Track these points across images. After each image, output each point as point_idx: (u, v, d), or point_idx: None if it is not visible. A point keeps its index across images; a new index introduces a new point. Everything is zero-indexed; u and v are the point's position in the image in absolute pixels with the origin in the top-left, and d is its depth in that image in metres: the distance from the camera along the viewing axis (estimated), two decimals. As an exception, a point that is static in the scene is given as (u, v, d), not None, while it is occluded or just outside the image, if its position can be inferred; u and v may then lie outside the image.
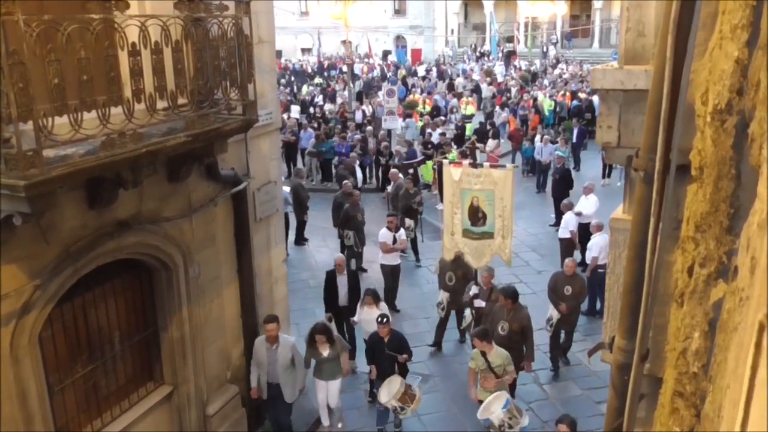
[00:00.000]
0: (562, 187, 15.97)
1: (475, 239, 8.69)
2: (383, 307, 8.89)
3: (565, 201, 13.47)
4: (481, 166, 8.55)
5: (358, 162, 18.33)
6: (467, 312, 9.43)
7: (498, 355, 7.63)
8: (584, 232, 12.73)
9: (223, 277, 7.32)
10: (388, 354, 7.99)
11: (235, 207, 7.38)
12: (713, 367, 1.60)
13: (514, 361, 8.00)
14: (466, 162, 8.73)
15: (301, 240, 15.28)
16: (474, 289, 9.17)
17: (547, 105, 25.36)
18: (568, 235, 12.88)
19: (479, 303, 9.08)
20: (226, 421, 7.47)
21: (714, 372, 1.57)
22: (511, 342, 8.26)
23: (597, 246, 10.96)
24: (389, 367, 8.02)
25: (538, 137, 19.83)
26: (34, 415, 5.16)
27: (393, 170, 15.76)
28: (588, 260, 11.57)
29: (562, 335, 9.94)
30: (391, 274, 11.68)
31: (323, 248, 14.92)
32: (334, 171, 19.46)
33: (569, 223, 12.83)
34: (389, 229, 11.56)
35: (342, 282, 9.87)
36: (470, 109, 24.68)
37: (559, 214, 15.49)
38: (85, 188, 5.18)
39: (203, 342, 7.04)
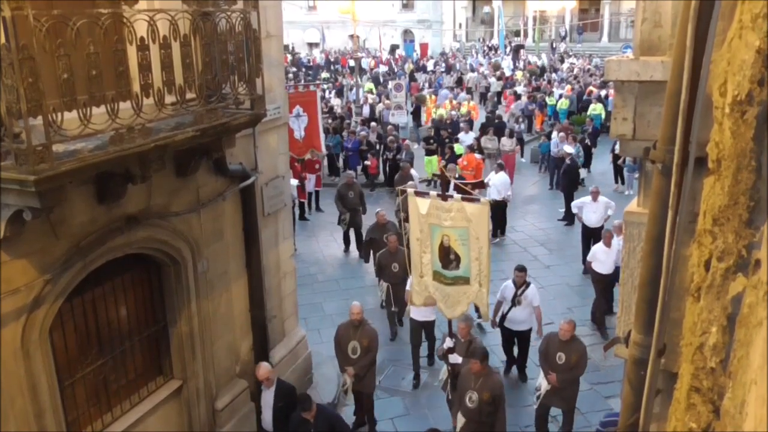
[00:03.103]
0: (567, 182, 15.98)
1: (447, 284, 7.24)
2: None
3: (606, 230, 11.21)
4: (451, 197, 6.93)
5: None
6: (443, 369, 8.01)
7: None
8: (593, 236, 12.53)
9: (231, 271, 7.33)
10: None
11: (244, 202, 7.38)
12: (733, 363, 1.57)
13: None
14: (433, 192, 7.13)
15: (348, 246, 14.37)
16: (448, 342, 7.68)
17: (596, 110, 22.95)
18: (609, 271, 10.58)
19: (455, 359, 7.66)
20: (235, 415, 7.49)
21: (734, 368, 1.54)
22: (483, 415, 6.99)
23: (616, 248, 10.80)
24: None
25: (554, 133, 19.61)
26: (45, 409, 5.18)
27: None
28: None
29: (556, 416, 8.15)
30: (421, 332, 9.48)
31: (331, 242, 14.96)
32: (341, 165, 19.56)
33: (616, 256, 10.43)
34: None
35: (266, 400, 7.36)
36: (440, 112, 23.83)
37: (568, 210, 15.49)
38: (94, 183, 5.19)
39: (212, 336, 7.05)
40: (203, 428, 7.10)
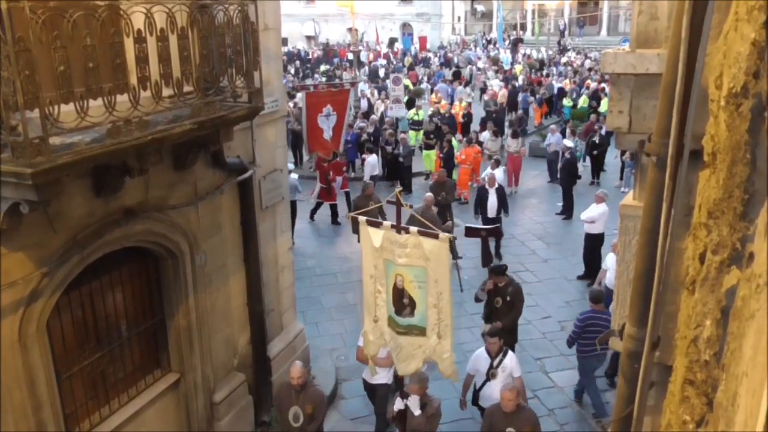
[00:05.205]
0: (566, 176, 15.98)
1: (400, 333, 5.98)
2: None
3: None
4: (407, 231, 5.61)
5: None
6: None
7: None
8: (594, 243, 12.17)
9: (229, 265, 7.33)
10: None
11: (241, 195, 7.37)
12: (726, 355, 1.58)
13: None
14: (387, 223, 5.85)
15: None
16: (398, 404, 6.62)
17: (606, 103, 23.28)
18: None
19: (414, 407, 6.62)
20: (233, 408, 7.51)
21: (728, 360, 1.55)
22: None
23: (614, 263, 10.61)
24: None
25: (567, 130, 19.50)
26: (42, 402, 5.19)
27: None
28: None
29: None
30: (373, 399, 8.05)
31: (330, 237, 14.94)
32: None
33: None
34: None
35: None
36: (421, 114, 22.17)
37: (567, 204, 15.50)
38: (91, 176, 5.17)
39: (210, 330, 7.06)
40: (201, 421, 7.12)
